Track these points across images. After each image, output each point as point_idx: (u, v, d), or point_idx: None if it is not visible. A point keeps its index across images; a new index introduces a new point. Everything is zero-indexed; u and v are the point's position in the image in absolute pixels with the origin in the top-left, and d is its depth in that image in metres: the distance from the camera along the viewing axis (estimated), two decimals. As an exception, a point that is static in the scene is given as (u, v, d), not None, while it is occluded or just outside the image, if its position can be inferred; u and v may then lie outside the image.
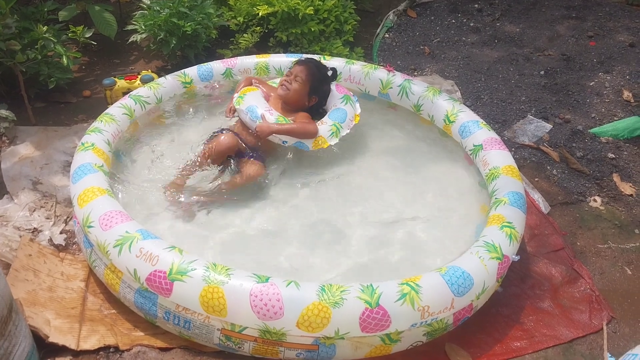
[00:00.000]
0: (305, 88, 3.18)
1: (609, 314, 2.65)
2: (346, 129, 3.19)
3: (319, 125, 3.12)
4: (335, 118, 3.19)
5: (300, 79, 3.17)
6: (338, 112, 3.24)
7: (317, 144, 3.07)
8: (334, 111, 3.25)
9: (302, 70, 3.20)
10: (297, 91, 3.18)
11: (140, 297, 2.32)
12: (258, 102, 3.15)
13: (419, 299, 2.15)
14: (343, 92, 3.38)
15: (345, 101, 3.31)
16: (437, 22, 5.39)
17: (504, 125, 3.92)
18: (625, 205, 3.32)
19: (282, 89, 3.20)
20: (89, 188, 2.55)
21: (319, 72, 3.27)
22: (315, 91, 3.23)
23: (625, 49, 4.86)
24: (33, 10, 4.04)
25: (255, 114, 3.07)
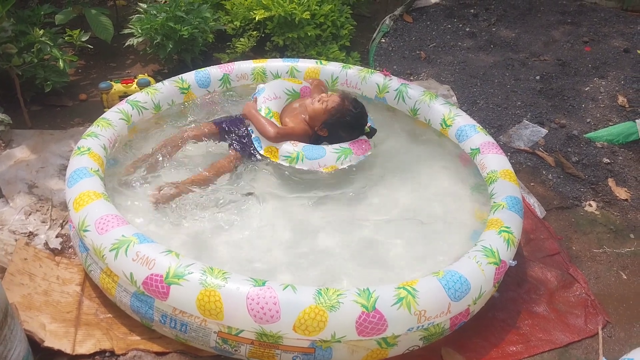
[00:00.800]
0: (323, 116, 3.06)
1: (605, 319, 2.66)
2: (303, 166, 2.99)
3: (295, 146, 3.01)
4: (309, 151, 3.01)
5: (327, 105, 3.05)
6: (318, 150, 3.03)
7: (269, 152, 3.05)
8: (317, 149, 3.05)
9: (334, 100, 3.06)
10: (315, 110, 3.07)
11: (136, 300, 2.32)
12: (273, 89, 3.28)
13: (415, 303, 2.15)
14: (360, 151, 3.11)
15: (342, 154, 3.03)
16: (433, 27, 5.41)
17: (499, 130, 3.93)
18: (620, 210, 3.33)
19: (311, 99, 3.16)
20: (84, 192, 2.55)
21: (345, 116, 3.04)
22: (328, 126, 3.08)
23: (620, 54, 4.89)
24: (29, 13, 4.04)
25: (255, 93, 3.27)
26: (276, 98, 3.26)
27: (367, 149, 3.14)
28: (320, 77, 3.76)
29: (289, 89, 3.37)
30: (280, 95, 3.30)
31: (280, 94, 3.30)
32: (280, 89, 3.32)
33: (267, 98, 3.20)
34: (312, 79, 3.59)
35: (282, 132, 3.05)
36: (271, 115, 3.14)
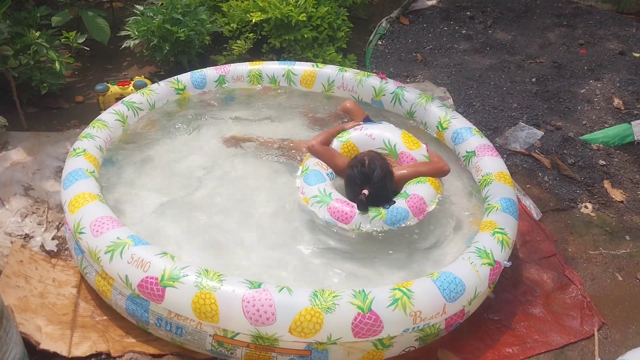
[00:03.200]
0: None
1: (600, 320, 2.66)
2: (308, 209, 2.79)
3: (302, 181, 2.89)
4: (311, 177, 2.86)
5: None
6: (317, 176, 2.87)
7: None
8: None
9: (362, 152, 2.93)
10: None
11: (131, 303, 2.32)
12: (377, 129, 3.05)
13: (410, 305, 2.16)
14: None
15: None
16: (429, 29, 5.42)
17: (495, 132, 3.94)
18: (616, 211, 3.34)
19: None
20: (80, 194, 2.55)
21: (352, 168, 2.78)
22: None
23: (616, 56, 4.90)
24: (26, 15, 4.04)
25: (366, 121, 3.22)
26: (370, 137, 3.02)
27: (347, 217, 2.68)
28: (316, 80, 3.76)
29: (387, 142, 3.01)
30: (376, 139, 3.01)
31: (377, 137, 3.01)
32: (381, 135, 3.02)
33: (360, 130, 3.05)
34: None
35: (320, 148, 2.97)
36: (344, 142, 3.03)
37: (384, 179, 2.71)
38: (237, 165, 3.26)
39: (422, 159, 2.93)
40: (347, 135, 3.05)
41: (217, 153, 3.35)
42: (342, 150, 3.03)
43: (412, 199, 2.72)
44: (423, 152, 2.96)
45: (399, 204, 2.70)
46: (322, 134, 3.06)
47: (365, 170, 2.71)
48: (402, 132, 3.02)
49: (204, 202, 3.00)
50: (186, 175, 3.17)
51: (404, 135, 3.01)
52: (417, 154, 2.94)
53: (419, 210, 2.71)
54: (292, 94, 3.85)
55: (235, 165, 3.25)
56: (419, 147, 2.96)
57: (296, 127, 3.61)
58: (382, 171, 2.71)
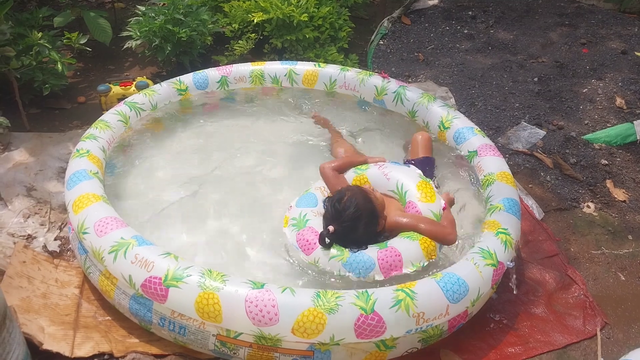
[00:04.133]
0: None
1: (603, 320, 2.66)
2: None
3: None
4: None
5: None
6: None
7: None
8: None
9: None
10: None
11: (135, 303, 2.32)
12: (396, 170, 2.85)
13: (414, 306, 2.15)
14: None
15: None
16: (431, 29, 5.42)
17: (497, 131, 3.94)
18: (619, 211, 3.34)
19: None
20: (84, 194, 2.55)
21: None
22: None
23: (618, 56, 4.90)
24: (28, 16, 4.04)
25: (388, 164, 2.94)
26: (385, 177, 2.82)
27: (309, 248, 2.55)
28: (318, 79, 3.76)
29: (399, 187, 2.77)
30: (390, 180, 2.81)
31: (392, 179, 2.81)
32: (397, 178, 2.80)
33: (379, 167, 2.87)
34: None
35: (329, 173, 2.84)
36: (359, 174, 2.89)
37: (356, 221, 2.48)
38: (241, 165, 3.26)
39: (429, 215, 2.61)
40: (366, 168, 2.90)
41: (220, 153, 3.36)
42: (353, 182, 2.85)
43: (387, 252, 2.45)
44: (435, 208, 2.65)
45: (368, 252, 2.47)
46: (341, 160, 2.95)
47: (338, 206, 2.51)
48: (421, 182, 2.74)
49: (207, 203, 3.01)
50: (186, 175, 3.17)
51: (421, 184, 2.73)
52: (426, 207, 2.64)
53: (389, 267, 2.43)
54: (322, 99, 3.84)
55: (240, 165, 3.26)
56: (431, 202, 2.66)
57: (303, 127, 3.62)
58: (357, 212, 2.47)
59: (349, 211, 2.48)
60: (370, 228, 2.55)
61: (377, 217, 2.57)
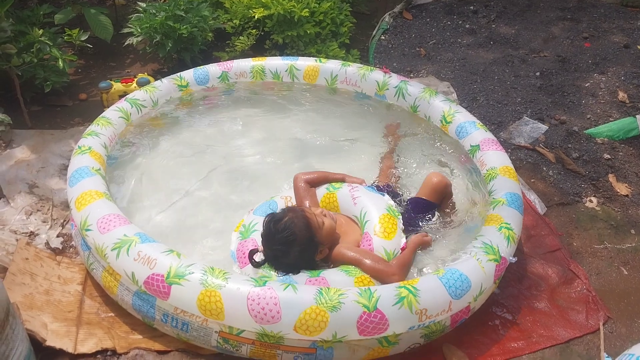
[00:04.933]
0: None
1: (606, 314, 2.66)
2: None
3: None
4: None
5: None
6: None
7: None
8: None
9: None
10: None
11: (138, 299, 2.32)
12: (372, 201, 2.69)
13: (416, 302, 2.15)
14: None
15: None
16: (432, 24, 5.40)
17: (499, 126, 3.93)
18: (621, 205, 3.33)
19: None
20: (86, 191, 2.56)
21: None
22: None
23: (620, 50, 4.88)
24: (29, 13, 4.04)
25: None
26: (353, 200, 2.68)
27: (243, 261, 2.49)
28: (319, 75, 3.75)
29: (362, 215, 2.62)
30: (356, 206, 2.66)
31: (358, 205, 2.66)
32: (363, 205, 2.64)
33: (352, 189, 2.72)
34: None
35: (299, 184, 2.77)
36: (329, 192, 2.76)
37: (288, 245, 2.33)
38: (241, 162, 3.26)
39: (380, 252, 2.44)
40: (339, 187, 2.75)
41: (221, 149, 3.36)
42: (322, 199, 2.75)
43: (315, 282, 2.31)
44: (389, 246, 2.47)
45: (297, 277, 2.34)
46: (316, 173, 2.81)
47: (272, 228, 2.36)
48: (385, 215, 2.56)
49: (207, 198, 3.01)
50: (187, 174, 3.17)
51: (384, 218, 2.55)
52: (380, 243, 2.47)
53: None
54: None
55: (239, 162, 3.26)
56: (388, 239, 2.48)
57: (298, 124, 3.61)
58: (291, 237, 2.33)
59: (282, 235, 2.33)
60: (306, 255, 2.40)
61: (316, 245, 2.40)
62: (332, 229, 2.47)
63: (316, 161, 3.30)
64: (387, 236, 2.48)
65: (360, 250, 2.44)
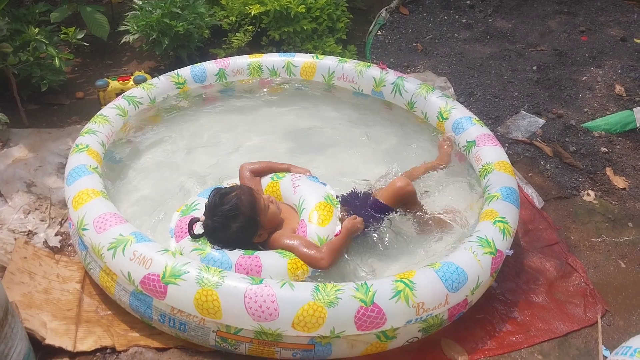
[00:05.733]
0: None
1: (604, 307, 2.67)
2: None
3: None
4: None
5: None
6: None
7: None
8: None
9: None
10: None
11: (135, 299, 2.33)
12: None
13: (413, 296, 2.16)
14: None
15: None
16: (429, 18, 5.40)
17: (497, 121, 3.93)
18: (619, 198, 3.33)
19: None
20: (83, 190, 2.55)
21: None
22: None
23: (617, 43, 4.88)
24: (24, 12, 4.03)
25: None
26: (294, 189, 2.73)
27: (180, 235, 2.53)
28: (316, 71, 3.75)
29: (300, 203, 2.67)
30: (296, 195, 2.71)
31: (298, 193, 2.70)
32: (303, 194, 2.69)
33: (294, 179, 2.78)
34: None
35: (244, 173, 2.83)
36: (273, 181, 2.82)
37: (229, 219, 2.38)
38: (240, 158, 3.26)
39: (314, 238, 2.47)
40: (282, 177, 2.80)
41: (219, 147, 3.36)
42: (267, 188, 2.79)
43: (248, 260, 2.36)
44: (322, 232, 2.50)
45: (231, 253, 2.39)
46: (261, 163, 2.85)
47: (217, 200, 2.41)
48: (321, 203, 2.59)
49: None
50: (187, 172, 3.17)
51: (320, 205, 2.58)
52: (314, 230, 2.50)
53: (243, 272, 2.32)
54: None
55: (238, 158, 3.26)
56: (322, 225, 2.52)
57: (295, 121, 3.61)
58: (233, 211, 2.38)
59: (225, 208, 2.38)
60: (244, 234, 2.43)
61: (256, 227, 2.45)
62: (275, 216, 2.54)
63: (314, 157, 3.30)
64: (321, 223, 2.53)
65: (295, 237, 2.49)
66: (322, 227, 2.52)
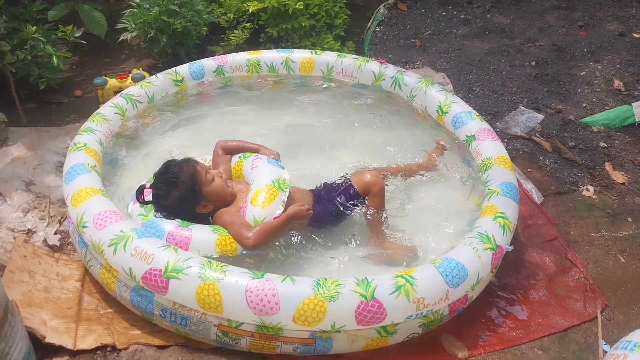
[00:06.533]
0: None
1: (603, 302, 2.67)
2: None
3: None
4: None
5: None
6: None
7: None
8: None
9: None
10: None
11: (136, 295, 2.33)
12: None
13: (413, 291, 2.16)
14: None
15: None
16: (427, 14, 5.39)
17: (495, 116, 3.93)
18: (618, 193, 3.34)
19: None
20: (82, 188, 2.55)
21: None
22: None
23: (615, 38, 4.88)
24: (22, 10, 4.02)
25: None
26: (252, 169, 2.75)
27: (133, 202, 2.65)
28: (315, 66, 3.75)
29: (252, 183, 2.68)
30: (252, 175, 2.73)
31: (254, 174, 2.72)
32: (258, 175, 2.69)
33: (259, 159, 2.80)
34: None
35: (217, 149, 2.91)
36: (239, 160, 2.87)
37: (169, 187, 2.49)
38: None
39: (250, 218, 2.50)
40: (248, 157, 2.82)
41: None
42: (234, 166, 2.85)
43: (180, 231, 2.43)
44: (259, 214, 2.50)
45: (167, 223, 2.47)
46: (234, 142, 2.88)
47: (161, 169, 2.55)
48: (269, 185, 2.58)
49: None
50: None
51: (266, 188, 2.57)
52: (251, 210, 2.52)
53: (174, 244, 2.38)
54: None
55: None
56: (261, 207, 2.52)
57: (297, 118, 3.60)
58: (173, 180, 2.48)
59: (167, 176, 2.51)
60: (185, 203, 2.52)
61: (197, 197, 2.53)
62: (220, 189, 2.59)
63: (313, 153, 3.30)
64: (261, 205, 2.53)
65: (234, 214, 2.54)
66: (260, 209, 2.52)
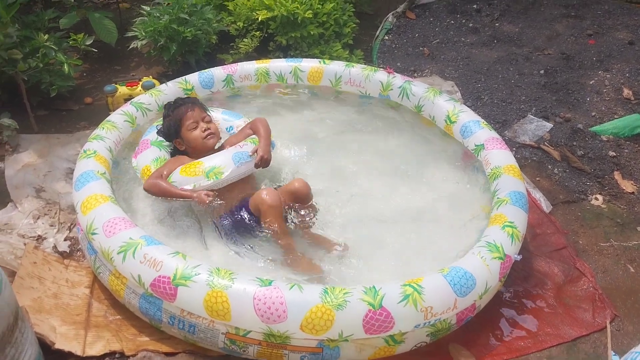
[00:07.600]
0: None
1: (613, 312, 2.66)
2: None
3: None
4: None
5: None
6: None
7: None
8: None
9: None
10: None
11: (145, 302, 2.34)
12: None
13: (421, 300, 2.16)
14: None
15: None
16: (436, 23, 5.40)
17: (504, 125, 3.93)
18: (627, 203, 3.32)
19: (213, 137, 2.96)
20: (92, 195, 2.57)
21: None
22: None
23: (625, 46, 4.86)
24: (34, 18, 4.06)
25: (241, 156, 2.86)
26: (218, 157, 2.86)
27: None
28: (323, 76, 3.77)
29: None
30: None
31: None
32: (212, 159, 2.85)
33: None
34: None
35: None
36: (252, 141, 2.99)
37: (166, 112, 3.01)
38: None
39: (173, 174, 2.80)
40: (247, 142, 2.94)
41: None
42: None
43: (144, 152, 2.98)
44: (174, 177, 2.78)
45: (150, 151, 2.99)
46: (263, 128, 2.99)
47: (177, 98, 3.12)
48: (205, 167, 2.77)
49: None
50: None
51: (202, 167, 2.76)
52: (177, 170, 2.79)
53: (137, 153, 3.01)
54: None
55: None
56: (181, 173, 2.78)
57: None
58: (168, 109, 3.01)
59: (171, 105, 3.02)
60: (169, 131, 2.97)
61: (175, 132, 2.94)
62: (193, 139, 2.92)
63: (323, 158, 3.30)
64: (183, 171, 2.78)
65: (172, 162, 2.90)
66: (178, 174, 2.78)
